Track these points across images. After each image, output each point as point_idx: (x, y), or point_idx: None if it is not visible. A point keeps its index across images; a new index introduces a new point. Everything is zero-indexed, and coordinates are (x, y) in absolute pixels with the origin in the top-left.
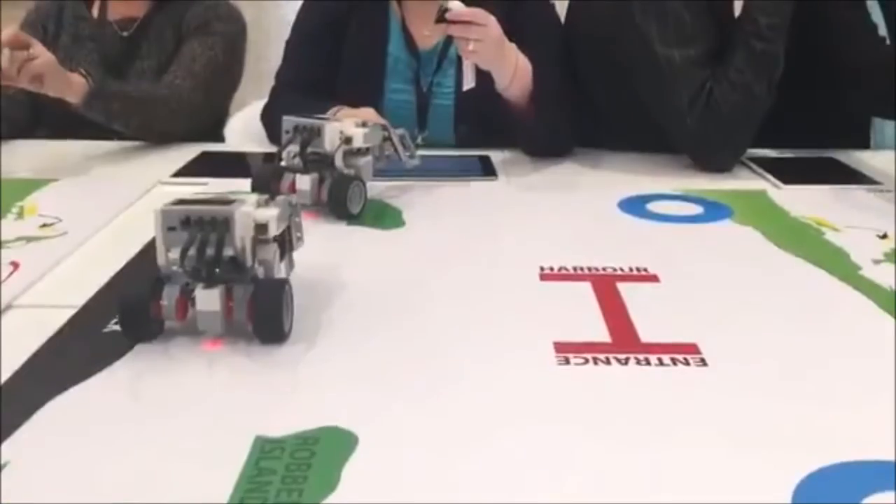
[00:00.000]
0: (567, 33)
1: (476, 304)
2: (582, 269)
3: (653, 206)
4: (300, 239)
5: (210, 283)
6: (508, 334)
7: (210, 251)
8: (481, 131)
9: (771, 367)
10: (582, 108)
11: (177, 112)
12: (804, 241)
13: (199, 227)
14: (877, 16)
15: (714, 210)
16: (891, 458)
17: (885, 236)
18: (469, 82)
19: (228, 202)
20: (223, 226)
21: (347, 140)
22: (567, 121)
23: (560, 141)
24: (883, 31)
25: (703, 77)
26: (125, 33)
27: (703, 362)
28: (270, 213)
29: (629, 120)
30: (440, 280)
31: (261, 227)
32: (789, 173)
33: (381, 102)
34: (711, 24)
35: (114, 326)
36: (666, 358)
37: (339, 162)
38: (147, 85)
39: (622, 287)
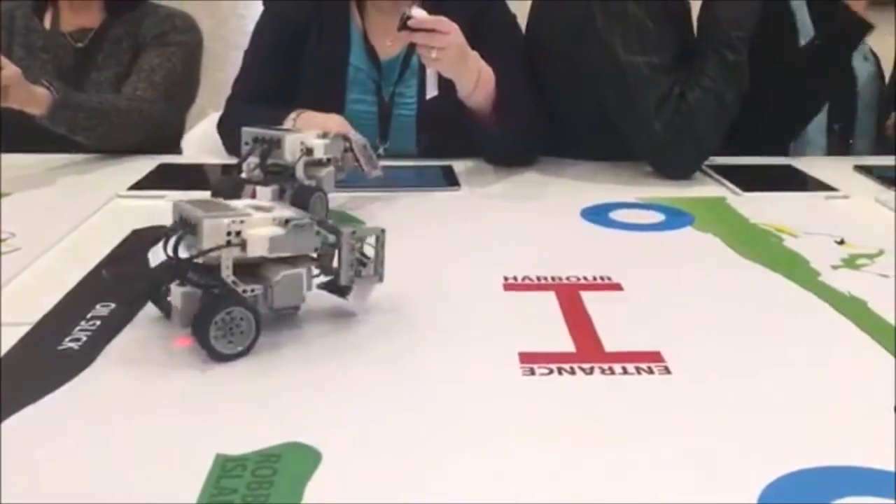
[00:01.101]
0: (528, 42)
1: (440, 315)
2: (546, 278)
3: (615, 215)
4: (369, 275)
5: (182, 282)
6: (473, 345)
7: (171, 250)
8: (444, 141)
9: (734, 373)
10: (544, 116)
11: (139, 123)
12: (764, 248)
13: (181, 227)
14: (802, 14)
15: (675, 218)
16: (854, 463)
17: (842, 242)
18: (432, 90)
19: (220, 209)
20: (192, 230)
21: (308, 151)
22: (530, 129)
23: (523, 149)
24: (808, 30)
25: (669, 82)
26: (80, 44)
27: (667, 370)
28: (259, 233)
29: (591, 128)
30: (403, 291)
31: (243, 244)
32: (748, 180)
33: (342, 113)
34: (672, 29)
35: (69, 343)
36: (630, 367)
37: (300, 173)
38: (110, 96)
39: (586, 296)
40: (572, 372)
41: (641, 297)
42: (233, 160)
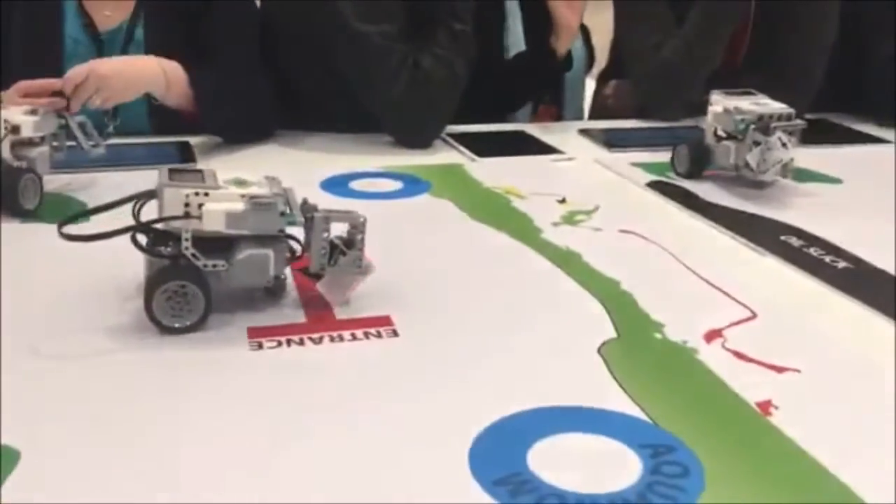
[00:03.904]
0: (264, 16)
1: None
2: None
3: (355, 185)
4: (348, 266)
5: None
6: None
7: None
8: (178, 118)
9: (458, 329)
10: (276, 92)
11: None
12: (493, 210)
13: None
14: (514, 17)
15: (413, 185)
16: (564, 403)
17: (563, 201)
18: None
19: (193, 179)
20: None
21: (14, 129)
22: (249, 110)
23: (245, 131)
24: (516, 35)
25: (404, 50)
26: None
27: (395, 333)
28: (215, 207)
29: (332, 100)
30: (122, 272)
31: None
32: (484, 147)
33: None
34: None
35: None
36: (359, 332)
37: (6, 153)
38: None
39: None
40: (301, 342)
41: (375, 264)
42: None
